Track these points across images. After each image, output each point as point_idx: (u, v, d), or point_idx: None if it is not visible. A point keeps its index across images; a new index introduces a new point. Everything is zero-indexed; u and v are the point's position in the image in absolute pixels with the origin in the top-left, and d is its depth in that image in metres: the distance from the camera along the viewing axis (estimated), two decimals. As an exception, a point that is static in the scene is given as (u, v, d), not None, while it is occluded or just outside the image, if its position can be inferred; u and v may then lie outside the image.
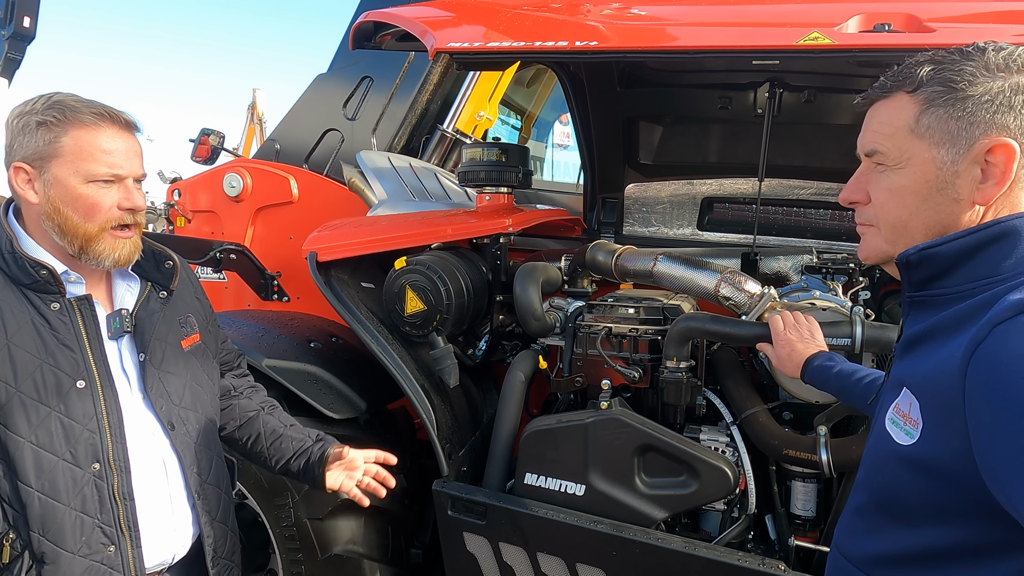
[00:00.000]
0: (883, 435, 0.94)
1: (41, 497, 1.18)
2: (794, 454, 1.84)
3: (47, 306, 1.22)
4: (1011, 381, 0.73)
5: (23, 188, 1.21)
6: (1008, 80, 0.85)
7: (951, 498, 0.83)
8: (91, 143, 1.20)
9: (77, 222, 1.21)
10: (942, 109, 0.88)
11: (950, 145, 0.88)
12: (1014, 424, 0.72)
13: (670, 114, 2.61)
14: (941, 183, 0.89)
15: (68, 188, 1.20)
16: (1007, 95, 0.85)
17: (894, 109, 0.93)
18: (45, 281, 1.21)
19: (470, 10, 2.19)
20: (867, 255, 1.03)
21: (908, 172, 0.92)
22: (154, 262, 1.38)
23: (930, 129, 0.89)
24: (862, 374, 1.46)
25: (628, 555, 1.86)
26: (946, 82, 0.88)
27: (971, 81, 0.86)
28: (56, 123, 1.19)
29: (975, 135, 0.86)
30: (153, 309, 1.36)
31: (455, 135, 3.44)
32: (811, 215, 2.56)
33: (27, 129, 1.19)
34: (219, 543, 1.42)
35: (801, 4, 1.84)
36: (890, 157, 0.94)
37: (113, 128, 1.23)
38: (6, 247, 1.21)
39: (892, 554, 0.93)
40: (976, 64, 0.87)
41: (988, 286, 0.86)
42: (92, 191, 1.21)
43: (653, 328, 2.08)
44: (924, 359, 0.91)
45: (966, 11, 1.65)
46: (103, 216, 1.23)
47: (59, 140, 1.19)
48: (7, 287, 1.21)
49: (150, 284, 1.38)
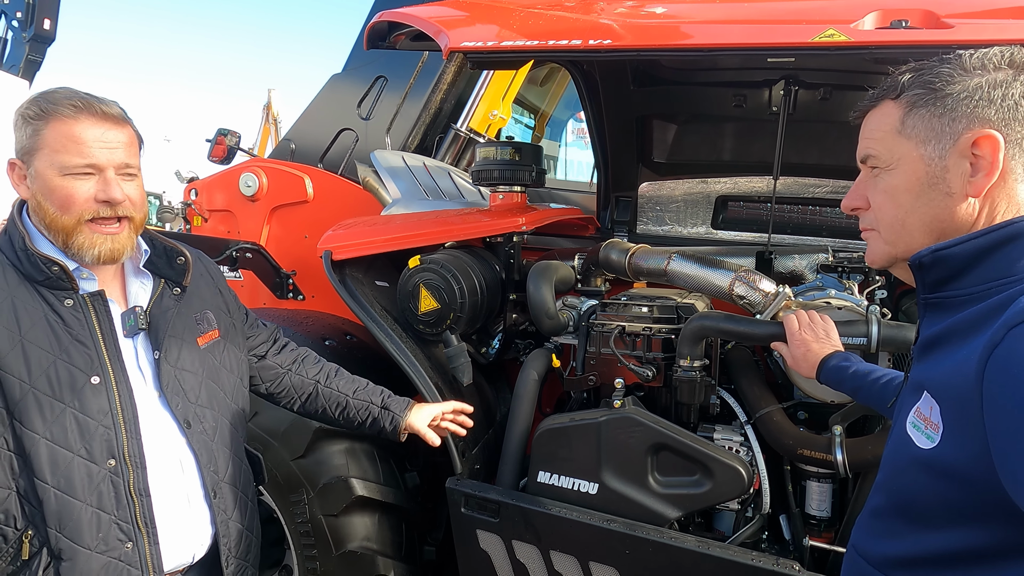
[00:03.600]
0: (904, 439, 0.94)
1: (57, 493, 1.19)
2: (809, 454, 1.83)
3: (61, 303, 1.23)
4: None
5: (17, 183, 1.23)
6: (985, 77, 0.89)
7: (970, 501, 0.83)
8: (67, 134, 1.20)
9: (54, 215, 1.21)
10: (924, 109, 0.92)
11: (936, 142, 0.92)
12: None
13: (684, 112, 2.61)
14: (932, 179, 0.92)
15: (46, 180, 1.20)
16: (985, 90, 0.88)
17: (882, 116, 0.98)
18: (57, 278, 1.22)
19: (483, 9, 2.19)
20: (872, 259, 1.06)
21: (900, 172, 0.95)
22: (166, 259, 1.39)
23: (915, 129, 0.93)
24: (878, 374, 1.45)
25: (641, 554, 1.86)
26: (926, 84, 0.92)
27: (949, 81, 0.90)
28: (38, 117, 1.20)
29: (958, 130, 0.89)
30: (167, 306, 1.37)
31: (469, 134, 3.45)
32: (826, 213, 2.54)
33: (17, 125, 1.21)
34: (234, 542, 1.43)
35: (816, 1, 1.83)
36: (882, 159, 0.98)
37: (91, 119, 1.21)
38: (19, 245, 1.22)
39: (910, 556, 0.93)
40: (953, 66, 0.91)
41: (1003, 287, 0.86)
42: (67, 183, 1.20)
43: (667, 327, 2.07)
44: (942, 362, 0.91)
45: (985, 6, 1.63)
46: (78, 208, 1.21)
47: (39, 133, 1.19)
48: (21, 284, 1.22)
49: (163, 281, 1.39)
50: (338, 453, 2.22)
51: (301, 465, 2.20)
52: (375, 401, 1.71)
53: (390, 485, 2.27)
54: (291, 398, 1.69)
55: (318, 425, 2.19)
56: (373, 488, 2.22)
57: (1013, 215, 0.89)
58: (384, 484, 2.25)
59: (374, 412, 1.71)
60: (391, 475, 2.30)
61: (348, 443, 2.25)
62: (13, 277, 1.22)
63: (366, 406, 1.70)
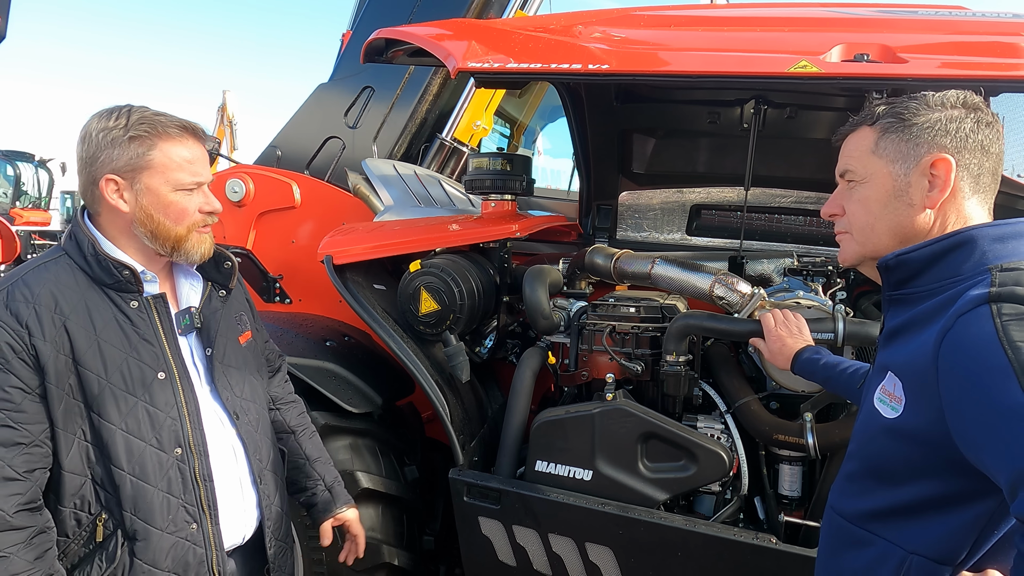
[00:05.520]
0: (872, 412, 1.13)
1: (132, 480, 1.29)
2: (783, 438, 2.03)
3: (127, 304, 1.33)
4: (974, 359, 0.92)
5: (113, 198, 1.31)
6: (944, 112, 1.11)
7: (928, 458, 1.02)
8: (178, 155, 1.33)
9: (169, 226, 1.34)
10: (895, 134, 1.13)
11: (902, 162, 1.12)
12: (977, 393, 0.91)
13: (662, 127, 2.80)
14: (898, 191, 1.12)
15: (160, 196, 1.33)
16: (943, 123, 1.10)
17: (859, 138, 1.19)
18: (127, 281, 1.32)
19: (481, 31, 2.34)
20: (845, 258, 1.26)
21: (872, 185, 1.16)
22: (214, 262, 1.50)
23: (886, 150, 1.14)
24: (845, 365, 1.65)
25: (633, 533, 2.03)
26: (897, 115, 1.13)
27: (916, 113, 1.12)
28: (147, 136, 1.30)
29: (920, 153, 1.10)
30: (216, 307, 1.48)
31: (453, 143, 3.59)
32: (792, 221, 2.77)
33: (117, 142, 1.29)
34: (276, 525, 1.54)
35: (787, 32, 2.04)
36: (858, 174, 1.18)
37: (193, 139, 1.36)
38: (88, 250, 1.32)
39: (880, 509, 1.12)
40: (920, 102, 1.12)
41: (952, 285, 1.06)
42: (180, 198, 1.35)
43: (653, 326, 2.26)
44: (904, 347, 1.10)
45: (933, 42, 1.87)
46: (190, 219, 1.36)
47: (149, 153, 1.30)
48: (91, 288, 1.31)
49: (211, 283, 1.50)
50: (343, 448, 2.33)
51: (307, 460, 2.30)
52: (326, 479, 1.75)
53: (392, 478, 2.39)
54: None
55: (324, 422, 2.30)
56: (377, 481, 2.33)
57: (961, 226, 1.10)
58: (387, 477, 2.37)
59: (318, 488, 1.73)
60: (392, 469, 2.42)
61: (352, 439, 2.36)
62: (83, 280, 1.31)
63: (316, 478, 1.73)
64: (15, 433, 1.21)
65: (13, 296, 1.25)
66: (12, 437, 1.21)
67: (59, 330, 1.25)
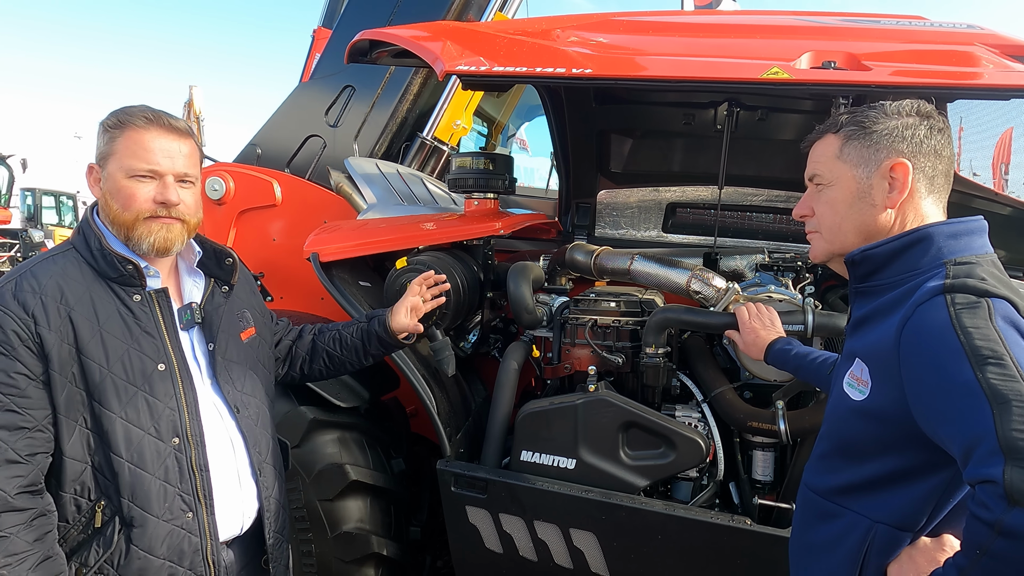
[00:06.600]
0: (841, 396, 1.23)
1: (131, 467, 1.33)
2: (757, 425, 2.13)
3: (130, 297, 1.37)
4: (931, 343, 1.03)
5: (92, 185, 1.39)
6: (900, 120, 1.22)
7: (891, 435, 1.13)
8: (137, 142, 1.36)
9: (117, 211, 1.37)
10: (857, 141, 1.25)
11: (864, 166, 1.22)
12: (933, 373, 1.01)
13: (639, 128, 2.90)
14: (861, 193, 1.23)
15: (115, 181, 1.37)
16: (900, 130, 1.21)
17: (825, 145, 1.31)
18: (130, 275, 1.37)
19: (464, 34, 2.41)
20: (815, 255, 1.37)
21: (837, 187, 1.27)
22: (216, 259, 1.54)
23: (850, 156, 1.25)
24: (815, 355, 1.76)
25: (615, 518, 2.12)
26: (858, 123, 1.25)
27: (875, 121, 1.23)
28: (115, 127, 1.37)
29: (880, 157, 1.22)
30: (218, 303, 1.52)
31: (434, 142, 3.64)
32: (763, 219, 2.89)
33: (100, 134, 1.38)
34: (275, 517, 1.58)
35: (759, 40, 2.14)
36: (825, 178, 1.30)
37: (158, 131, 1.38)
38: (95, 245, 1.36)
39: (850, 484, 1.22)
40: (878, 111, 1.25)
41: (912, 277, 1.17)
42: (131, 184, 1.37)
43: (633, 319, 2.35)
44: (869, 334, 1.21)
45: (895, 50, 1.99)
46: (137, 206, 1.37)
47: (115, 140, 1.36)
48: (96, 281, 1.36)
49: (213, 280, 1.54)
50: (331, 442, 2.38)
51: (296, 454, 2.33)
52: (361, 321, 1.94)
53: (379, 470, 2.44)
54: (300, 361, 1.88)
55: (312, 416, 2.34)
56: (365, 473, 2.38)
57: (919, 224, 1.21)
58: (374, 469, 2.42)
59: (363, 327, 1.91)
60: (379, 461, 2.47)
61: (339, 432, 2.40)
62: (89, 273, 1.35)
63: (356, 327, 1.91)
64: (19, 417, 1.26)
65: (21, 287, 1.29)
66: (15, 421, 1.25)
67: (64, 320, 1.29)
